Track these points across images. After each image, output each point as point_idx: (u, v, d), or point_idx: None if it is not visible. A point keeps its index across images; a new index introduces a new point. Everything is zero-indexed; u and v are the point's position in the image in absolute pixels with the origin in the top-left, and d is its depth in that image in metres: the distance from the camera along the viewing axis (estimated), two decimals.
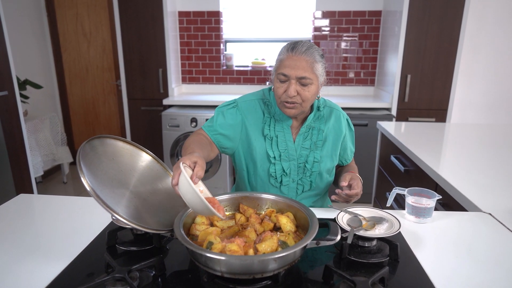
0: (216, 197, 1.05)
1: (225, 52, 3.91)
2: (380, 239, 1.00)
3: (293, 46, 1.20)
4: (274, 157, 1.31)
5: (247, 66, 3.92)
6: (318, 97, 1.33)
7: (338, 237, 0.86)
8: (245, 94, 1.40)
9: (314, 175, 1.34)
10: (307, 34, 3.75)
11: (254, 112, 1.34)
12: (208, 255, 0.76)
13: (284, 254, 0.77)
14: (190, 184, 0.83)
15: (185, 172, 0.85)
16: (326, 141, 1.35)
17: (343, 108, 1.51)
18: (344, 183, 1.20)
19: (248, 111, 1.33)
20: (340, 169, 1.48)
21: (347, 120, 1.41)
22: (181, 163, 0.90)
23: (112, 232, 1.00)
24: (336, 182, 1.45)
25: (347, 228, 1.00)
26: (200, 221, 0.97)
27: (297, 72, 1.18)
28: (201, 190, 0.96)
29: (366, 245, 0.98)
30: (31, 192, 2.76)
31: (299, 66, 1.18)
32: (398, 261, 0.93)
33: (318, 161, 1.33)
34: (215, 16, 3.74)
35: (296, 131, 1.35)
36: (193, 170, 0.92)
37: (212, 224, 0.98)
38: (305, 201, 1.38)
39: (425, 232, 1.09)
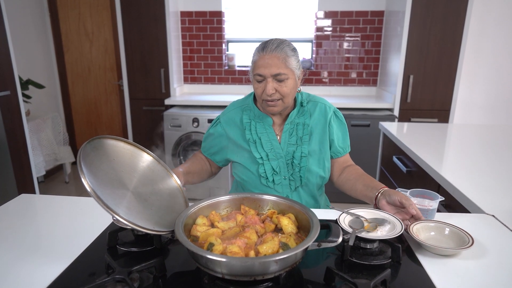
0: (218, 198, 1.06)
1: (227, 52, 3.91)
2: (382, 241, 0.99)
3: (263, 46, 1.24)
4: (262, 158, 1.34)
5: (249, 66, 3.91)
6: (299, 90, 1.35)
7: (340, 239, 0.86)
8: (228, 105, 1.46)
9: (303, 170, 1.34)
10: (309, 34, 3.75)
11: (234, 122, 1.39)
12: (209, 256, 0.76)
13: (285, 256, 0.76)
14: None
15: None
16: (313, 135, 1.35)
17: (345, 108, 1.50)
18: (412, 211, 1.05)
19: (228, 124, 1.40)
20: (353, 181, 1.33)
21: (334, 112, 1.38)
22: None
23: (113, 233, 1.00)
24: (357, 195, 1.30)
25: (349, 229, 0.99)
26: (201, 222, 0.97)
27: (271, 70, 1.21)
28: None
29: (368, 247, 0.97)
30: (33, 191, 2.77)
31: (272, 63, 1.21)
32: (400, 263, 0.92)
33: (305, 155, 1.33)
34: (217, 16, 3.73)
35: (281, 129, 1.36)
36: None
37: (213, 226, 0.98)
38: (300, 198, 1.38)
39: None
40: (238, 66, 3.92)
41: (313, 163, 1.35)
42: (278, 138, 1.36)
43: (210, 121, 3.21)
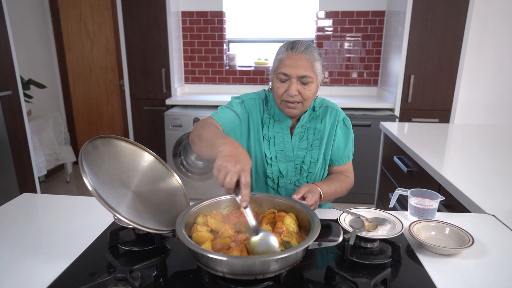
0: (218, 198, 1.06)
1: (228, 52, 3.91)
2: (382, 240, 0.99)
3: (292, 45, 1.19)
4: (271, 158, 1.30)
5: (250, 66, 3.92)
6: (317, 96, 1.32)
7: (340, 238, 0.86)
8: (247, 93, 1.38)
9: (311, 176, 1.32)
10: (310, 34, 3.75)
11: (257, 111, 1.33)
12: (210, 255, 0.76)
13: (285, 255, 0.77)
14: None
15: None
16: (323, 140, 1.32)
17: (346, 109, 1.50)
18: (294, 196, 1.10)
19: (252, 109, 1.32)
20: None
21: (343, 119, 1.36)
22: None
23: (114, 232, 1.00)
24: None
25: (349, 229, 1.00)
26: (202, 221, 0.97)
27: (298, 71, 1.17)
28: None
29: (368, 246, 0.98)
30: (35, 191, 2.77)
31: (300, 65, 1.17)
32: (401, 263, 0.93)
33: (315, 161, 1.31)
34: (218, 16, 3.74)
35: (292, 132, 1.33)
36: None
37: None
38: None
39: None
40: (239, 66, 3.92)
41: (321, 170, 1.33)
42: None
43: None
